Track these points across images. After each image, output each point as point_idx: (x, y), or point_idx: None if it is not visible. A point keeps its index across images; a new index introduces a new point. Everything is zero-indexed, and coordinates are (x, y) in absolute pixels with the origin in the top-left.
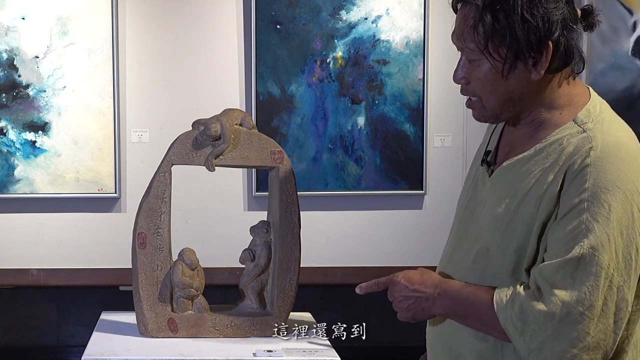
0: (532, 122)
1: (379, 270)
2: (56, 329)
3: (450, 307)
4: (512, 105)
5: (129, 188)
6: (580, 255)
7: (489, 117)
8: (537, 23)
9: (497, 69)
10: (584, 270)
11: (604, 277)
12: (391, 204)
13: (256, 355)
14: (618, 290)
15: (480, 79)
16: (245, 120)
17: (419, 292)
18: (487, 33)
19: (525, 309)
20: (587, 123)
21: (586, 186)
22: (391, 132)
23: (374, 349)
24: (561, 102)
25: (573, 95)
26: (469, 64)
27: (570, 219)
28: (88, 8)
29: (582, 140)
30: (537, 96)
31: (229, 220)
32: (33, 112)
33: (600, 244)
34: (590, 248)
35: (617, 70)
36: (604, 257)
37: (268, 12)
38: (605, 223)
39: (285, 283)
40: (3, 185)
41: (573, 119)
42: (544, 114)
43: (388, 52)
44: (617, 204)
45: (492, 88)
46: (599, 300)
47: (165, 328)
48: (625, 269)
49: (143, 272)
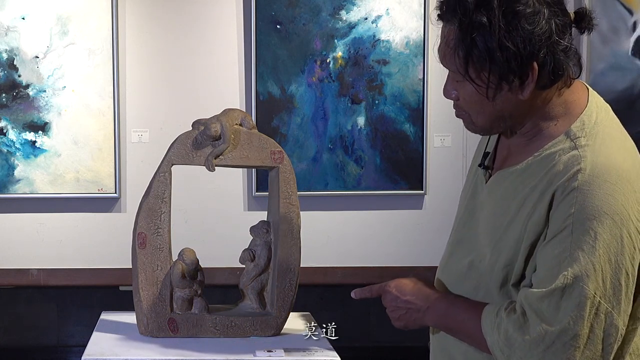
0: (527, 133)
1: (379, 270)
2: (56, 329)
3: (439, 321)
4: (502, 122)
5: (129, 188)
6: (564, 286)
7: (479, 132)
8: (517, 47)
9: (482, 92)
10: (568, 301)
11: (589, 306)
12: (391, 204)
13: (256, 355)
14: (606, 316)
15: (467, 100)
16: (245, 120)
17: (410, 303)
18: (467, 58)
19: (511, 335)
20: (580, 137)
21: (572, 211)
22: (391, 132)
23: (374, 349)
24: (556, 112)
25: (569, 103)
26: (456, 83)
27: (556, 243)
28: (88, 8)
29: (571, 159)
30: (528, 111)
31: (229, 220)
32: (33, 112)
33: (585, 273)
34: (574, 278)
35: (617, 70)
36: (589, 287)
37: (268, 12)
38: (590, 252)
39: (285, 283)
40: (3, 185)
41: (566, 132)
42: (538, 125)
43: (388, 52)
44: (603, 230)
45: (480, 108)
46: (584, 329)
47: (165, 328)
48: (614, 295)
49: (143, 272)
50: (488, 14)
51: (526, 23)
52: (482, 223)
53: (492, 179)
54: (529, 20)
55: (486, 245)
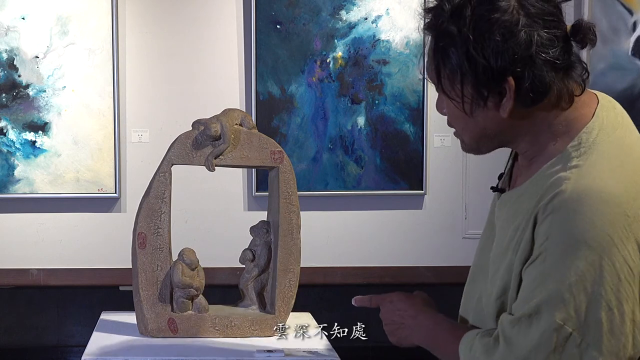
0: (525, 153)
1: (379, 270)
2: (56, 329)
3: (425, 340)
4: (488, 141)
5: (129, 188)
6: (530, 313)
7: (469, 150)
8: (488, 60)
9: (459, 107)
10: (534, 329)
11: (555, 337)
12: (391, 204)
13: (256, 355)
14: (582, 353)
15: (450, 115)
16: (245, 120)
17: (403, 318)
18: (439, 69)
19: (477, 357)
20: (573, 158)
21: (547, 236)
22: (391, 132)
23: (374, 349)
24: (556, 131)
25: (571, 120)
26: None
27: (532, 269)
28: (88, 8)
29: (557, 180)
30: (518, 131)
31: (229, 220)
32: (33, 112)
33: (552, 301)
34: (541, 305)
35: (617, 70)
36: (556, 315)
37: (268, 12)
38: (560, 280)
39: (285, 283)
40: (3, 185)
41: (563, 152)
42: (537, 144)
43: (388, 52)
44: (578, 258)
45: (463, 124)
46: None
47: (165, 328)
48: (591, 329)
49: (143, 272)
50: (458, 24)
51: (499, 34)
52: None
53: (498, 202)
54: (504, 31)
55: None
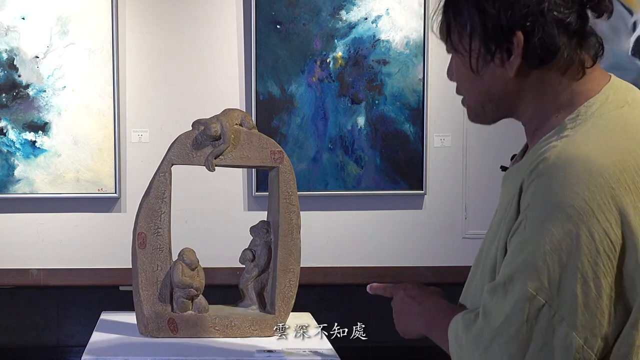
0: (530, 124)
1: (379, 270)
2: (56, 329)
3: (426, 326)
4: (494, 105)
5: (129, 188)
6: (504, 282)
7: (475, 117)
8: (498, 10)
9: (466, 64)
10: (508, 298)
11: (528, 307)
12: (391, 204)
13: (256, 355)
14: (555, 326)
15: (458, 75)
16: (245, 120)
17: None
18: (449, 22)
19: (459, 335)
20: (568, 129)
21: (528, 203)
22: (391, 132)
23: (375, 349)
24: (559, 103)
25: (577, 93)
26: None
27: (514, 239)
28: (88, 8)
29: (545, 150)
30: (524, 96)
31: (229, 220)
32: (33, 112)
33: (525, 270)
34: (514, 274)
35: (617, 70)
36: (528, 284)
37: (268, 12)
38: (535, 248)
39: (285, 283)
40: (3, 185)
41: (561, 124)
42: (540, 114)
43: (388, 52)
44: (554, 226)
45: (470, 85)
46: (523, 333)
47: (165, 328)
48: (565, 302)
49: (143, 272)
50: None
51: None
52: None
53: (502, 180)
54: None
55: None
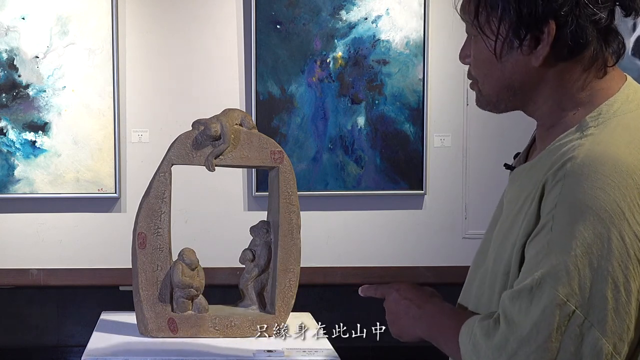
0: (545, 119)
1: (379, 270)
2: (56, 329)
3: (427, 330)
4: (511, 95)
5: (129, 188)
6: (532, 287)
7: (485, 105)
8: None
9: (490, 48)
10: (535, 305)
11: (559, 315)
12: (391, 204)
13: (256, 355)
14: (585, 333)
15: (476, 58)
16: (245, 120)
17: (408, 306)
18: (480, 1)
19: (477, 341)
20: (590, 127)
21: (555, 204)
22: (391, 132)
23: (375, 349)
24: (578, 99)
25: (596, 91)
26: (471, 43)
27: (537, 241)
28: (88, 8)
29: (569, 148)
30: (543, 87)
31: (229, 220)
32: (33, 112)
33: (556, 274)
34: (543, 278)
35: None
36: (558, 291)
37: (268, 12)
38: (565, 251)
39: (285, 283)
40: (3, 185)
41: (580, 122)
42: (557, 111)
43: (388, 52)
44: (585, 228)
45: (488, 70)
46: (552, 341)
47: (165, 328)
48: (595, 307)
49: (143, 272)
50: None
51: None
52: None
53: (509, 178)
54: None
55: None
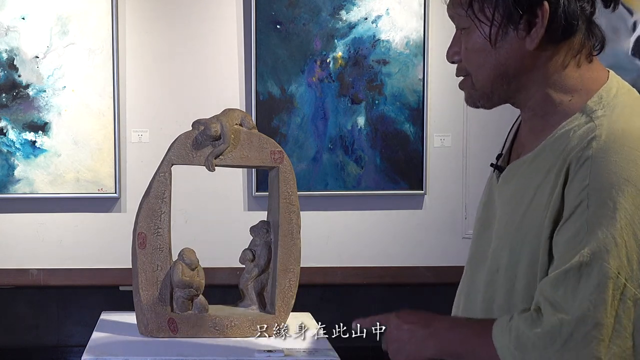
0: (537, 108)
1: (379, 270)
2: (56, 329)
3: (443, 345)
4: (505, 83)
5: (129, 188)
6: (580, 265)
7: (479, 99)
8: None
9: (485, 35)
10: (586, 282)
11: (612, 288)
12: (391, 204)
13: (256, 355)
14: (635, 305)
15: (470, 50)
16: (245, 120)
17: (412, 331)
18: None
19: (522, 334)
20: (597, 111)
21: (587, 182)
22: (391, 132)
23: (375, 349)
24: (570, 85)
25: (586, 78)
26: (461, 35)
27: (571, 223)
28: (88, 8)
29: (586, 131)
30: (536, 73)
31: (229, 220)
32: (33, 112)
33: (605, 248)
34: (592, 255)
35: (617, 70)
36: (609, 264)
37: (268, 12)
38: (610, 224)
39: (285, 283)
40: (3, 185)
41: (582, 108)
42: (551, 98)
43: (388, 52)
44: (625, 200)
45: (483, 60)
46: (607, 317)
47: (165, 328)
48: None
49: (143, 272)
50: None
51: None
52: (495, 230)
53: (503, 175)
54: None
55: (501, 250)
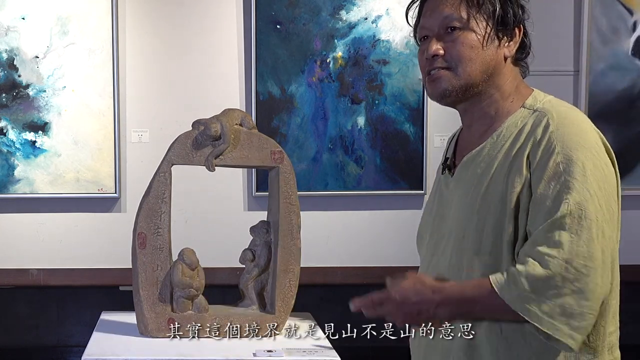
0: (488, 109)
1: (379, 270)
2: (56, 329)
3: (453, 311)
4: (485, 77)
5: (129, 188)
6: (569, 212)
7: (458, 88)
8: (515, 9)
9: (479, 39)
10: (576, 225)
11: (595, 229)
12: (391, 204)
13: (256, 355)
14: (609, 240)
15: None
16: (245, 120)
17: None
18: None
19: (532, 281)
20: (536, 104)
21: (557, 150)
22: (391, 132)
23: (375, 349)
24: (510, 90)
25: (519, 86)
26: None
27: (547, 184)
28: (88, 8)
29: (537, 117)
30: (498, 75)
31: (229, 220)
32: (33, 112)
33: (584, 198)
34: (576, 203)
35: (617, 70)
36: (590, 210)
37: (268, 12)
38: (583, 180)
39: (285, 283)
40: (3, 185)
41: (522, 105)
42: (498, 101)
43: (388, 52)
44: (588, 160)
45: (474, 55)
46: (597, 250)
47: (165, 328)
48: (611, 220)
49: (143, 272)
50: None
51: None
52: (455, 211)
53: (458, 168)
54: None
55: (467, 218)
